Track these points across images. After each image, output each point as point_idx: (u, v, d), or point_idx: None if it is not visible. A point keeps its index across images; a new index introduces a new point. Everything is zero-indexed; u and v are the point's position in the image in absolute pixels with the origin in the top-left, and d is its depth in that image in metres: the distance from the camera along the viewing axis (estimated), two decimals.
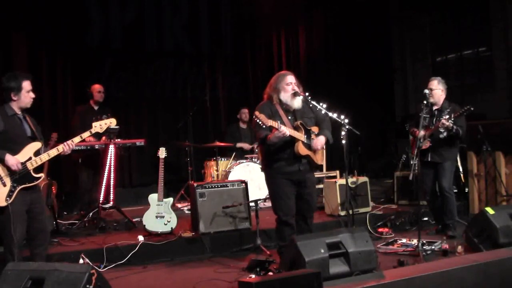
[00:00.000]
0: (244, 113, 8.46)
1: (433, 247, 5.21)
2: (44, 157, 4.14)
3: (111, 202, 6.52)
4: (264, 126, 4.32)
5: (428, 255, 5.00)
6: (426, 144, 5.67)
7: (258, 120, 4.25)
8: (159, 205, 5.78)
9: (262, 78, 9.35)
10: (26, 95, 4.12)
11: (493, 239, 4.77)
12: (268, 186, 4.79)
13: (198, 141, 8.12)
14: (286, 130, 4.35)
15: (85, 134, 4.33)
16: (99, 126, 4.35)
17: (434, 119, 5.74)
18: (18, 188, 4.03)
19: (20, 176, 4.04)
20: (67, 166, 7.63)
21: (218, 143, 7.70)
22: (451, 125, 5.44)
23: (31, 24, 7.70)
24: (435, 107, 5.80)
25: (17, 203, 4.03)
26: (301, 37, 10.23)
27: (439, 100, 5.78)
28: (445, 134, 5.63)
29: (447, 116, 5.47)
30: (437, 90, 5.75)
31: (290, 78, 4.66)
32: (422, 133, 5.47)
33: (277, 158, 4.58)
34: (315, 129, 4.70)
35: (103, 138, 6.36)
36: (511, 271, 4.12)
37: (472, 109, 5.39)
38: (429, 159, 5.76)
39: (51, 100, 7.90)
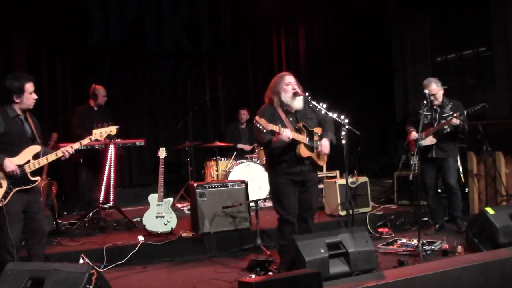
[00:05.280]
0: (243, 114, 8.47)
1: (433, 247, 5.21)
2: (43, 161, 4.14)
3: (111, 202, 6.52)
4: (264, 131, 4.31)
5: (428, 255, 5.00)
6: (432, 141, 5.79)
7: (258, 125, 4.25)
8: (159, 205, 5.78)
9: (262, 78, 9.35)
10: (28, 97, 4.11)
11: (493, 239, 4.76)
12: (271, 186, 4.80)
13: (198, 141, 8.13)
14: (289, 133, 4.35)
15: (85, 141, 4.33)
16: (99, 134, 4.37)
17: (437, 115, 5.85)
18: (14, 190, 4.02)
19: (16, 178, 4.02)
20: (67, 166, 7.62)
21: (218, 143, 7.70)
22: (462, 123, 5.57)
23: (31, 24, 7.70)
24: (435, 104, 5.87)
25: (13, 203, 4.02)
26: (301, 37, 10.23)
27: (440, 100, 5.88)
28: (448, 129, 5.75)
29: (459, 113, 5.57)
30: (439, 92, 5.83)
31: (289, 78, 4.65)
32: (414, 134, 5.78)
33: (279, 160, 4.58)
34: (317, 130, 4.69)
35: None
36: (511, 271, 4.12)
37: (487, 106, 5.62)
38: (433, 155, 5.85)
39: (51, 100, 7.91)
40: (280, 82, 4.63)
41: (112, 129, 4.45)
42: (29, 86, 4.11)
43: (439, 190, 6.45)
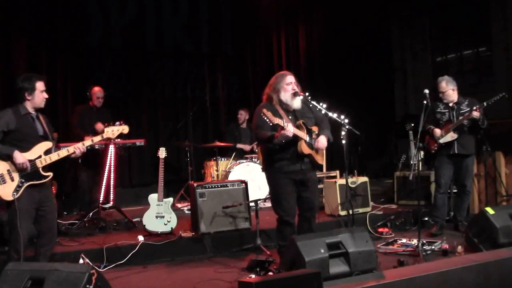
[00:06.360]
0: (241, 114, 8.47)
1: (433, 247, 5.21)
2: (54, 156, 4.20)
3: (111, 202, 6.53)
4: (271, 124, 4.30)
5: (428, 255, 5.01)
6: (453, 136, 5.80)
7: (265, 117, 4.22)
8: (159, 205, 5.78)
9: (262, 78, 9.34)
10: (39, 95, 4.24)
11: (493, 239, 4.77)
12: (270, 186, 4.78)
13: (198, 141, 8.12)
14: (293, 128, 4.35)
15: (97, 138, 4.42)
16: (111, 132, 4.44)
17: (454, 112, 5.88)
18: (26, 184, 4.09)
19: (28, 172, 4.09)
20: (67, 166, 7.63)
21: (218, 143, 7.70)
22: (481, 116, 5.64)
23: (31, 24, 7.70)
24: (450, 100, 5.92)
25: (24, 200, 4.07)
26: (301, 36, 10.23)
27: (453, 98, 5.92)
28: (468, 124, 5.79)
29: (479, 105, 5.65)
30: (448, 91, 5.89)
31: (290, 78, 4.65)
32: (437, 131, 5.82)
33: (279, 157, 4.57)
34: (315, 129, 4.70)
35: None
36: (511, 271, 4.12)
37: (506, 96, 5.73)
38: (456, 151, 5.85)
39: (51, 100, 7.82)
40: (281, 81, 4.64)
41: (125, 128, 4.52)
42: (40, 85, 4.26)
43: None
